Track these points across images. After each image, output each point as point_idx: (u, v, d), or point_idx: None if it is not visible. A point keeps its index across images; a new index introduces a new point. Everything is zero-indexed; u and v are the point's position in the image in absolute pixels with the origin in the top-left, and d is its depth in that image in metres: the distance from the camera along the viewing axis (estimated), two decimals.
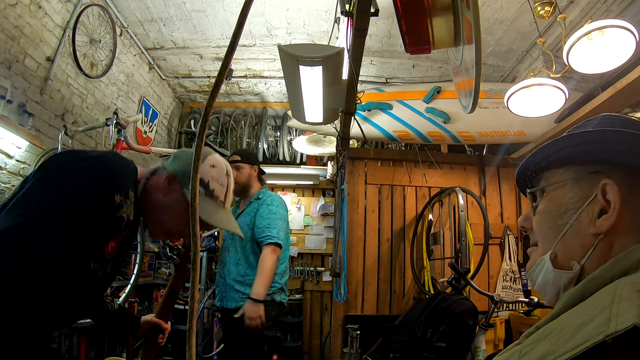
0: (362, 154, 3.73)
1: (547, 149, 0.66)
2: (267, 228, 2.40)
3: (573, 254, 0.60)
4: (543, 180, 0.68)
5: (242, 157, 2.61)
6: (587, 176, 0.61)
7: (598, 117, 0.68)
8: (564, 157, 0.64)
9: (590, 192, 0.60)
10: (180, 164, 1.18)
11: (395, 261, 3.51)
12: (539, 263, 0.65)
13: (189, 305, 0.59)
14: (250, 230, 2.45)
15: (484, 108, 3.24)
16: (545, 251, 0.64)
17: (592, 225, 0.58)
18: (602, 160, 0.61)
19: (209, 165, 1.19)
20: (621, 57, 1.93)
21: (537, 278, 0.65)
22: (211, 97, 0.57)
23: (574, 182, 0.63)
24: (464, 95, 1.81)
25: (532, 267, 0.67)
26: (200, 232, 1.13)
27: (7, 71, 2.45)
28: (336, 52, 1.95)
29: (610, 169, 0.60)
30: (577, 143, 0.63)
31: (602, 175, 0.60)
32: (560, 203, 0.63)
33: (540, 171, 0.69)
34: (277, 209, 2.51)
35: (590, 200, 0.60)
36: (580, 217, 0.60)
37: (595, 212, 0.59)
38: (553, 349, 0.46)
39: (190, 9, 3.33)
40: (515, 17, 3.16)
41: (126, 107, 3.84)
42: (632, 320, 0.40)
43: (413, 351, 2.34)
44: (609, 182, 0.58)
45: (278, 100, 4.97)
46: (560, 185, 0.64)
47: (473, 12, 1.31)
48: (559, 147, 0.64)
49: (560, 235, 0.62)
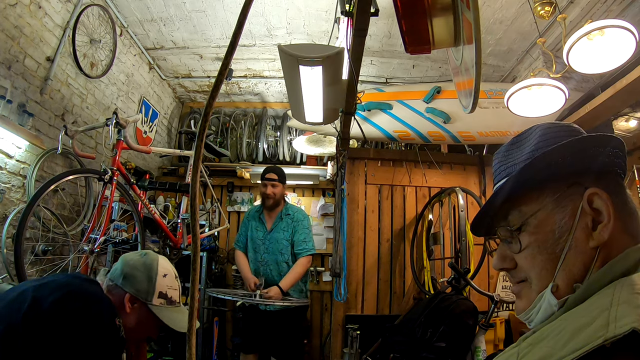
0: (362, 154, 3.73)
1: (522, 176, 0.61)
2: (304, 242, 3.02)
3: (575, 276, 0.57)
4: (516, 215, 0.63)
5: (279, 176, 3.07)
6: (566, 191, 0.59)
7: (535, 131, 0.64)
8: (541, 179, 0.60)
9: (575, 206, 0.58)
10: (135, 282, 1.25)
11: (395, 261, 3.51)
12: (539, 300, 0.59)
13: (189, 305, 0.59)
14: (289, 245, 3.04)
15: (484, 108, 3.24)
16: (544, 285, 0.59)
17: (591, 239, 0.56)
18: (575, 172, 0.59)
19: (162, 276, 1.29)
20: (621, 57, 1.93)
21: (537, 315, 0.60)
22: (211, 97, 0.57)
23: (555, 203, 0.59)
24: (464, 95, 1.81)
25: (529, 306, 0.61)
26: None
27: (7, 71, 2.45)
28: (336, 52, 1.95)
29: (583, 178, 0.58)
30: (553, 160, 0.59)
31: (579, 187, 0.58)
32: (552, 230, 0.59)
33: (508, 207, 0.64)
34: (308, 222, 3.14)
35: (579, 215, 0.57)
36: (576, 235, 0.57)
37: (588, 224, 0.56)
38: (551, 352, 0.45)
39: (190, 9, 3.33)
40: (515, 17, 3.16)
41: (126, 107, 3.84)
42: (631, 324, 0.39)
43: (413, 351, 2.34)
44: (595, 190, 0.56)
45: (278, 100, 4.97)
46: (542, 212, 0.60)
47: (473, 12, 1.31)
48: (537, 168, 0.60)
49: (560, 262, 0.57)
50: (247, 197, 4.63)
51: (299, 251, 2.99)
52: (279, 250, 3.03)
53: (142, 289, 1.24)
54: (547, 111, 2.46)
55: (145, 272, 1.25)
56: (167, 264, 1.32)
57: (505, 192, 0.63)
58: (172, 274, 1.32)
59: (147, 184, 2.68)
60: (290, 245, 3.04)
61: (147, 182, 2.68)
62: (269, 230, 3.09)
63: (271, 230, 3.08)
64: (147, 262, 1.28)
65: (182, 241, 2.98)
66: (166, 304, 1.28)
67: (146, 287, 1.24)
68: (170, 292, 1.30)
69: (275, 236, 3.05)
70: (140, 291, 1.24)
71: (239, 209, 4.62)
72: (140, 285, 1.24)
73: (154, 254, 1.34)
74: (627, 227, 0.57)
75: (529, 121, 2.77)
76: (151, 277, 1.25)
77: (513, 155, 0.66)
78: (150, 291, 1.25)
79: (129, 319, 1.21)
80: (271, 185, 3.01)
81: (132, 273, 1.25)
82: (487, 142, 3.55)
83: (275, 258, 3.03)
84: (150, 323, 1.26)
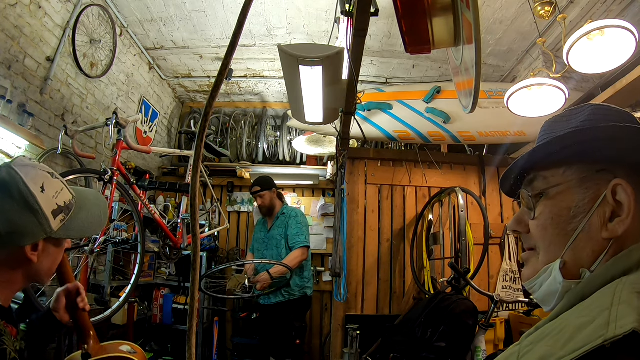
0: (362, 154, 3.73)
1: (549, 147, 0.61)
2: (297, 235, 3.15)
3: (583, 261, 0.56)
4: (540, 181, 0.63)
5: (261, 186, 3.28)
6: (594, 175, 0.57)
7: (587, 108, 0.63)
8: (567, 156, 0.59)
9: (598, 192, 0.56)
10: (19, 228, 0.91)
11: (395, 261, 3.51)
12: (544, 272, 0.59)
13: (189, 305, 0.59)
14: (283, 239, 3.20)
15: (484, 108, 3.24)
16: (550, 259, 0.59)
17: (605, 229, 0.55)
18: (608, 158, 0.57)
19: (40, 192, 0.94)
20: (621, 57, 1.93)
21: (541, 287, 0.60)
22: (211, 97, 0.57)
23: (579, 183, 0.58)
24: (464, 95, 1.81)
25: (534, 275, 0.62)
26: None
27: (7, 71, 2.45)
28: (336, 52, 1.95)
29: (616, 167, 0.56)
30: (584, 140, 0.58)
31: (609, 174, 0.56)
32: (568, 207, 0.58)
33: (535, 172, 0.64)
34: (301, 219, 3.27)
35: (600, 202, 0.56)
36: (592, 221, 0.56)
37: (607, 214, 0.55)
38: (551, 352, 0.45)
39: (190, 9, 3.33)
40: (515, 17, 3.16)
41: (126, 107, 3.84)
42: (631, 325, 0.39)
43: (413, 351, 2.34)
44: (621, 182, 0.55)
45: (278, 100, 4.97)
46: (564, 186, 0.59)
47: (473, 12, 1.31)
48: (564, 144, 0.59)
49: (571, 241, 0.57)
50: (247, 197, 4.62)
51: (292, 244, 3.14)
52: (275, 246, 3.24)
53: (32, 229, 0.92)
54: (547, 111, 2.46)
55: (20, 205, 0.90)
56: (32, 171, 0.95)
57: (526, 157, 0.63)
58: (45, 176, 0.97)
59: (147, 184, 2.68)
60: (285, 240, 3.21)
61: (147, 182, 2.68)
62: (268, 230, 3.34)
63: (270, 229, 3.33)
64: (13, 194, 0.90)
65: (182, 241, 2.98)
66: (66, 215, 0.99)
67: (35, 221, 0.92)
68: (60, 198, 0.98)
69: (273, 234, 3.28)
70: (34, 233, 0.92)
71: (239, 209, 4.62)
72: (27, 226, 0.91)
73: (5, 173, 0.92)
74: None
75: (529, 121, 2.77)
76: (30, 205, 0.91)
77: (558, 127, 0.65)
78: (43, 222, 0.93)
79: (42, 265, 0.97)
80: (258, 196, 3.29)
81: (9, 221, 0.90)
82: (487, 142, 3.55)
83: (272, 253, 3.22)
84: (63, 246, 1.04)
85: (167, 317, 3.80)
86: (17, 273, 0.95)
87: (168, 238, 2.91)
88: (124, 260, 3.10)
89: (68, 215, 1.01)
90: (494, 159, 3.68)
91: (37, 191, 0.93)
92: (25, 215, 0.91)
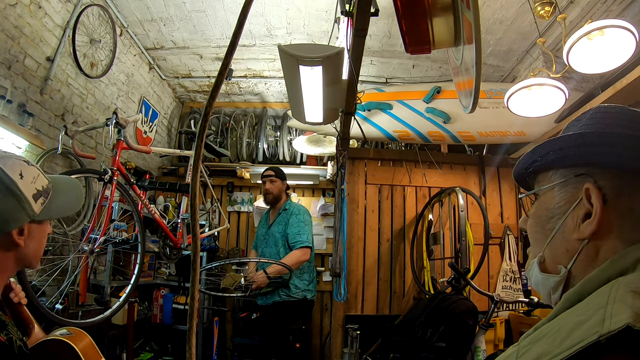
0: (362, 154, 3.73)
1: (533, 155, 0.66)
2: (298, 234, 3.00)
3: (560, 259, 0.60)
4: (536, 183, 0.68)
5: (276, 173, 3.21)
6: (573, 179, 0.60)
7: (588, 112, 0.66)
8: (549, 162, 0.64)
9: (576, 195, 0.60)
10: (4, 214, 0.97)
11: (395, 261, 3.51)
12: (531, 265, 0.66)
13: (189, 305, 0.59)
14: (282, 237, 3.07)
15: (484, 108, 3.24)
16: (535, 254, 0.65)
17: (576, 231, 0.58)
18: (588, 163, 0.60)
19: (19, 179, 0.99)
20: (621, 57, 1.93)
21: (530, 279, 0.68)
22: (211, 97, 0.57)
23: (560, 186, 0.62)
24: (464, 95, 1.81)
25: (528, 267, 0.69)
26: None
27: (7, 71, 2.45)
28: (336, 52, 1.95)
29: (596, 171, 0.58)
30: (559, 147, 0.62)
31: (586, 178, 0.59)
32: (548, 207, 0.63)
33: (534, 173, 0.69)
34: (304, 217, 3.11)
35: (576, 205, 0.59)
36: (566, 222, 0.60)
37: (580, 216, 0.58)
38: (549, 350, 0.46)
39: (190, 9, 3.33)
40: (515, 17, 3.16)
41: (126, 107, 3.84)
42: (625, 320, 0.40)
43: (413, 351, 2.34)
44: (590, 186, 0.57)
45: (278, 100, 4.97)
46: (548, 189, 0.64)
47: (473, 12, 1.31)
48: (544, 151, 0.64)
49: (548, 240, 0.62)
50: (247, 197, 4.63)
51: (292, 244, 3.01)
52: (274, 244, 3.12)
53: (16, 213, 0.97)
54: (547, 111, 2.46)
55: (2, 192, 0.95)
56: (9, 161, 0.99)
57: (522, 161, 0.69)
58: (21, 164, 1.00)
59: (147, 184, 2.68)
60: (285, 238, 3.07)
61: (147, 182, 2.68)
62: (269, 226, 3.24)
63: (271, 225, 3.22)
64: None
65: (182, 241, 2.98)
66: (45, 198, 1.04)
67: (18, 206, 0.96)
68: (38, 183, 1.03)
69: (273, 230, 3.17)
70: (18, 217, 0.97)
71: (239, 209, 4.62)
72: (11, 211, 0.96)
73: None
74: (625, 234, 0.55)
75: (529, 121, 2.78)
76: (12, 191, 0.95)
77: (570, 129, 0.68)
78: (25, 206, 0.98)
79: (29, 249, 1.02)
80: (269, 181, 3.17)
81: None
82: (487, 142, 3.55)
83: (270, 251, 3.12)
84: (46, 229, 1.08)
85: (167, 317, 3.80)
86: (7, 260, 1.00)
87: (168, 238, 2.91)
88: (124, 260, 3.10)
89: (47, 198, 1.06)
90: (494, 159, 3.69)
91: (16, 178, 0.97)
92: (8, 200, 0.96)
